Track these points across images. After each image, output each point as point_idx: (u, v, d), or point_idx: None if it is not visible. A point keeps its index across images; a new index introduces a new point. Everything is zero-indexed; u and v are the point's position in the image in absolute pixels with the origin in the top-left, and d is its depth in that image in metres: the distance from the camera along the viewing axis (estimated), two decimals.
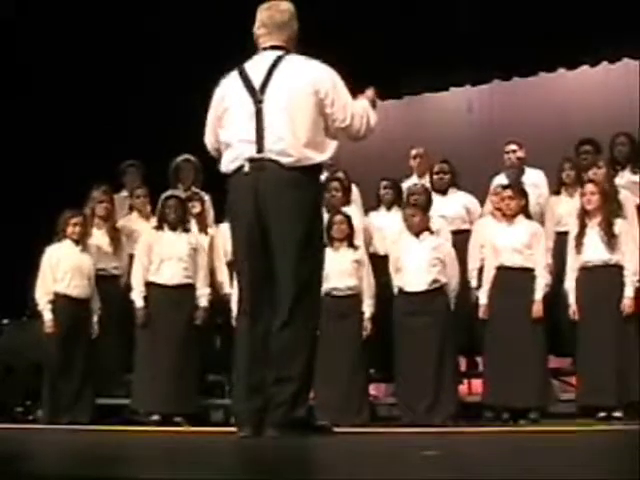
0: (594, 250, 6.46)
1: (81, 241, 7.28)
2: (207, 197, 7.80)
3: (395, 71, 9.13)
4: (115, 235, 7.59)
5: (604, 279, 6.44)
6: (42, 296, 7.20)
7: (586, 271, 6.49)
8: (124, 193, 8.15)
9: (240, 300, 4.45)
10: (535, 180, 7.42)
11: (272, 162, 4.23)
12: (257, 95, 4.29)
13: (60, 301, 7.17)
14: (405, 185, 7.70)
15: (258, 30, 4.45)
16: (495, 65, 9.21)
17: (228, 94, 4.42)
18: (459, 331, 6.80)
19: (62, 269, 7.19)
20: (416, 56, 8.96)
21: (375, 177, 7.82)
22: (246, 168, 4.28)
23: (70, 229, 7.24)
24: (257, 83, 4.31)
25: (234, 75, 4.41)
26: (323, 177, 6.96)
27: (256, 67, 4.36)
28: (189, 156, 7.80)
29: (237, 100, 4.35)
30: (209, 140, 4.58)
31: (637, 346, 6.27)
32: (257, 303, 4.32)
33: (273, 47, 4.40)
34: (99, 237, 7.49)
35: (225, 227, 7.28)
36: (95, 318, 7.27)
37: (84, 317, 7.23)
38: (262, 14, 4.46)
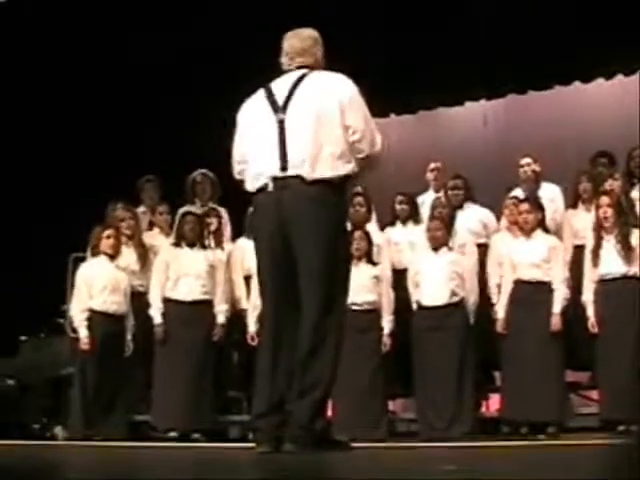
0: (611, 263, 6.44)
1: (115, 256, 7.20)
2: (224, 212, 7.82)
3: (410, 86, 9.15)
4: (142, 252, 7.50)
5: (623, 292, 6.40)
6: (78, 313, 7.09)
7: (604, 284, 6.47)
8: (142, 208, 8.12)
9: (262, 327, 4.45)
10: (551, 195, 7.40)
11: (296, 178, 4.22)
12: (280, 111, 4.30)
13: (96, 317, 7.05)
14: (421, 200, 7.71)
15: (282, 58, 4.50)
16: (510, 79, 9.21)
17: (252, 111, 4.44)
18: (478, 346, 6.78)
19: (98, 285, 7.09)
20: (431, 71, 8.97)
21: (390, 191, 7.81)
22: (270, 187, 4.29)
23: (104, 242, 7.15)
24: (281, 99, 4.33)
25: (259, 93, 4.45)
26: None
27: (280, 85, 4.40)
28: (206, 171, 7.82)
29: (260, 116, 4.37)
30: (236, 160, 4.54)
31: None
32: (280, 328, 4.28)
33: (299, 67, 4.44)
34: (127, 255, 7.39)
35: (242, 242, 7.32)
36: (129, 336, 7.16)
37: (119, 333, 7.12)
38: (285, 43, 4.51)
